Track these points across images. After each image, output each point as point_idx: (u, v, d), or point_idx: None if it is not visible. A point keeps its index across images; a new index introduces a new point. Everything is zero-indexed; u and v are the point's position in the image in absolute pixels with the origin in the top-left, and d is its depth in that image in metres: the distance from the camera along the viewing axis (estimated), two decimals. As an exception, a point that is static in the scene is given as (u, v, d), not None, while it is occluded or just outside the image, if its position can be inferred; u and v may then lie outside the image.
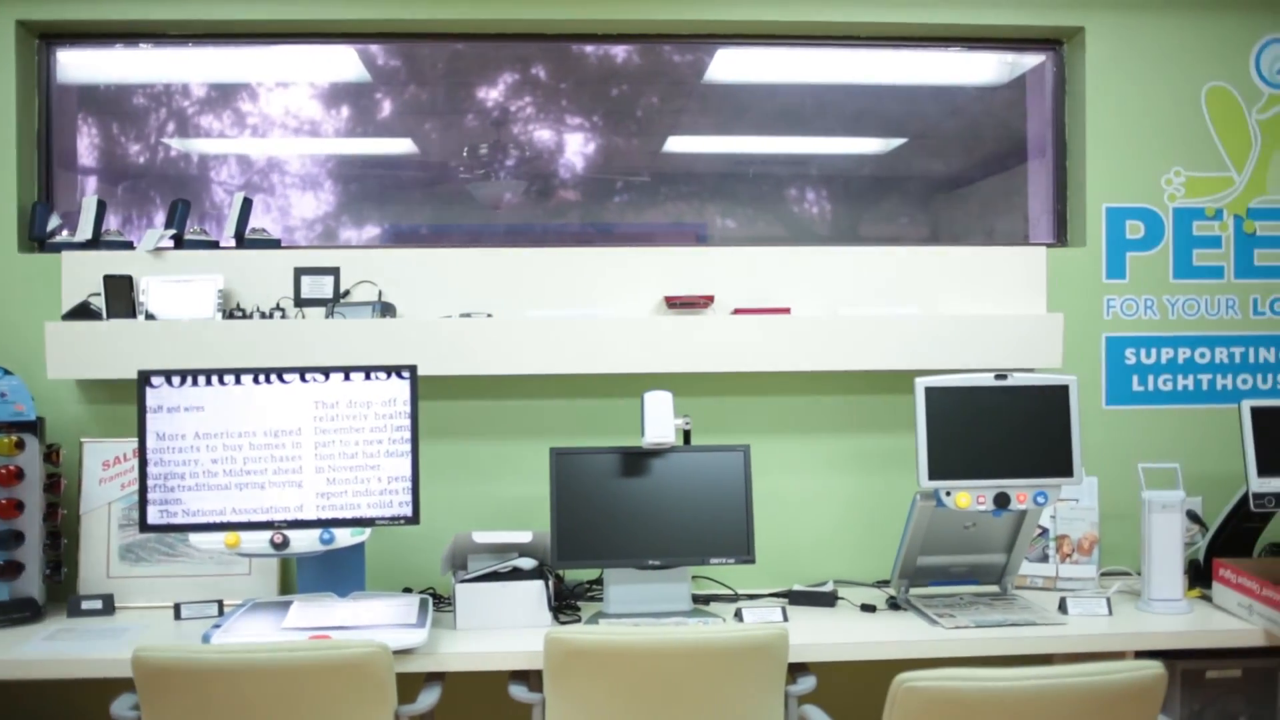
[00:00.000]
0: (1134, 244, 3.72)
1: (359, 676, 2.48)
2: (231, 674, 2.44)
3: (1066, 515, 3.44)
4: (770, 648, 2.61)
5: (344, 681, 2.47)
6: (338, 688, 2.47)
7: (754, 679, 2.61)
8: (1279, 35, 3.78)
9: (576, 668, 2.55)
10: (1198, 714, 3.30)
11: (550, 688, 2.59)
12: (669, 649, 2.55)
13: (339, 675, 2.47)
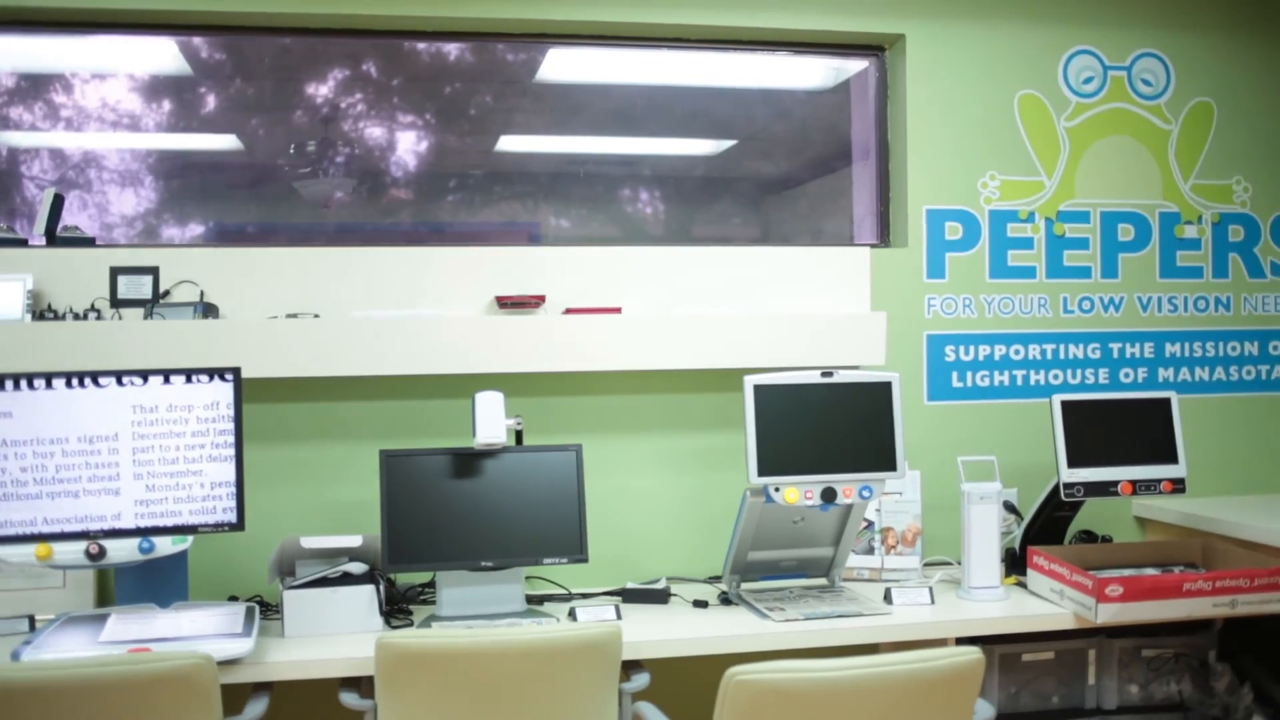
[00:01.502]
0: (953, 245, 3.85)
1: (182, 689, 2.40)
2: (45, 692, 2.33)
3: (891, 508, 3.54)
4: (604, 646, 2.62)
5: (166, 695, 2.39)
6: (160, 702, 2.39)
7: (588, 678, 2.62)
8: (1085, 47, 3.96)
9: (408, 672, 2.52)
10: (1014, 696, 3.43)
11: (382, 694, 2.56)
12: (502, 650, 2.53)
13: (160, 689, 2.38)
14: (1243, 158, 4.10)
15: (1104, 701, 3.50)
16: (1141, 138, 4.01)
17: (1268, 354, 4.13)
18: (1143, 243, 4.00)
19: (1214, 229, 4.07)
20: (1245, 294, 4.11)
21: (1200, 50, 4.06)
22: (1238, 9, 4.10)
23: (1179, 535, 3.78)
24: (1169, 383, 4.02)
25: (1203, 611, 3.19)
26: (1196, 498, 3.98)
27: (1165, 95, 4.03)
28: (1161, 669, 3.53)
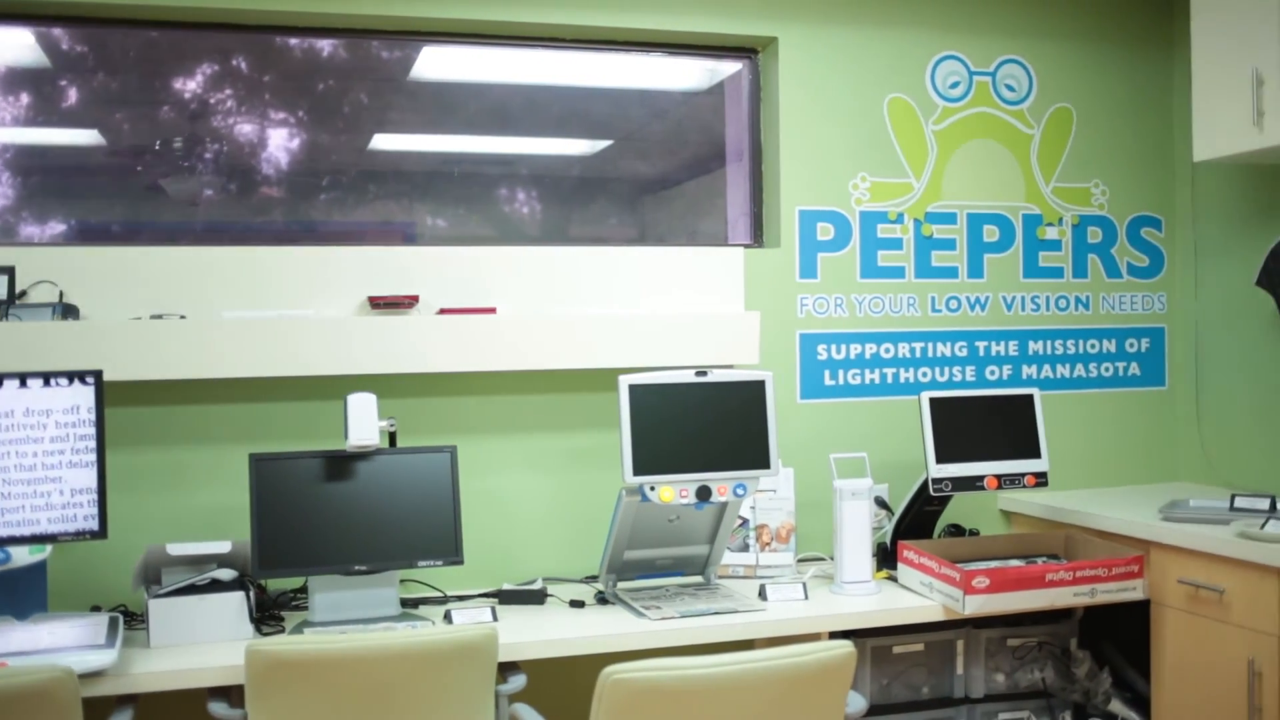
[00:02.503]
0: (824, 245, 3.91)
1: (41, 705, 2.32)
2: (-109, 709, 2.25)
3: (765, 505, 3.58)
4: (480, 648, 2.61)
5: (24, 711, 2.31)
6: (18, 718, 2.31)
7: (464, 680, 2.60)
8: (952, 53, 4.06)
9: (280, 680, 2.48)
10: (886, 687, 3.50)
11: (253, 702, 2.51)
12: (376, 655, 2.51)
13: (19, 705, 2.30)
14: (1100, 162, 4.24)
15: (972, 690, 3.59)
16: (1005, 141, 4.12)
17: (1125, 351, 4.28)
18: (1007, 244, 4.11)
19: (1074, 230, 4.20)
20: (1103, 293, 4.25)
21: (1060, 58, 4.19)
22: (1095, 19, 4.24)
23: (1042, 527, 3.90)
24: (1032, 380, 4.14)
25: (1064, 601, 3.29)
26: (1059, 491, 4.11)
27: (1028, 101, 4.15)
28: (1026, 657, 3.64)
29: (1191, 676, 3.37)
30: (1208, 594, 3.29)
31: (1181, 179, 4.33)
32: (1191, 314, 4.30)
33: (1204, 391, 4.26)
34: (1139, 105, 4.31)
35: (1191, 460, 4.32)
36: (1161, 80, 4.34)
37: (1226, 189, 4.15)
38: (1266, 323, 3.97)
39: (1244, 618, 3.19)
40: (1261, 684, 3.14)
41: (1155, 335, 4.33)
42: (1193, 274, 4.29)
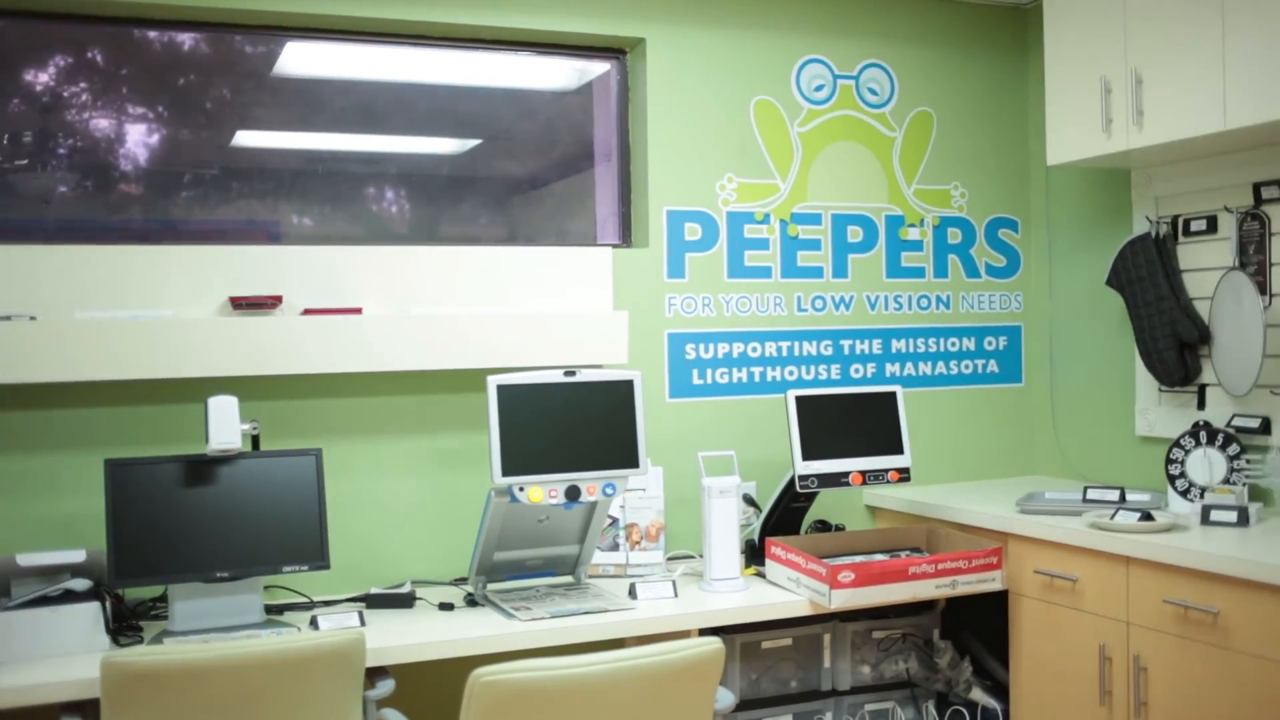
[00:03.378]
0: (692, 245, 3.94)
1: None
2: None
3: (635, 504, 3.60)
4: (346, 653, 2.57)
5: None
6: None
7: (330, 687, 2.56)
8: (817, 56, 4.12)
9: (138, 692, 2.41)
10: (755, 682, 3.55)
11: (109, 717, 2.43)
12: (238, 663, 2.45)
13: None
14: (960, 165, 4.36)
15: (839, 683, 3.65)
16: (869, 144, 4.20)
17: (984, 349, 4.40)
18: (870, 244, 4.20)
19: (935, 232, 4.31)
20: (963, 293, 4.36)
21: (921, 63, 4.29)
22: (955, 26, 4.35)
23: (906, 522, 3.99)
24: (895, 377, 4.23)
25: (927, 593, 3.37)
26: (921, 485, 4.21)
27: (890, 104, 4.24)
28: (891, 649, 3.72)
29: (1047, 662, 3.48)
30: (1062, 583, 3.41)
31: (1036, 182, 4.47)
32: (1046, 313, 4.44)
33: (1058, 388, 4.41)
34: (996, 110, 4.43)
35: (1047, 454, 4.46)
36: (1017, 87, 4.47)
37: (1078, 192, 4.29)
38: (1116, 321, 4.12)
39: (1095, 604, 3.31)
40: (1111, 668, 3.26)
41: (1012, 333, 4.46)
42: (1047, 274, 4.43)
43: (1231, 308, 3.60)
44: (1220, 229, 3.74)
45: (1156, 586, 3.13)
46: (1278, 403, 3.56)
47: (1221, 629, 2.96)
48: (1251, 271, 3.61)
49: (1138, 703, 3.18)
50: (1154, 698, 3.15)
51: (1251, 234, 3.63)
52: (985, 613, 3.80)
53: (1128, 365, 4.10)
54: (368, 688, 2.72)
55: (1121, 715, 3.24)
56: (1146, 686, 3.16)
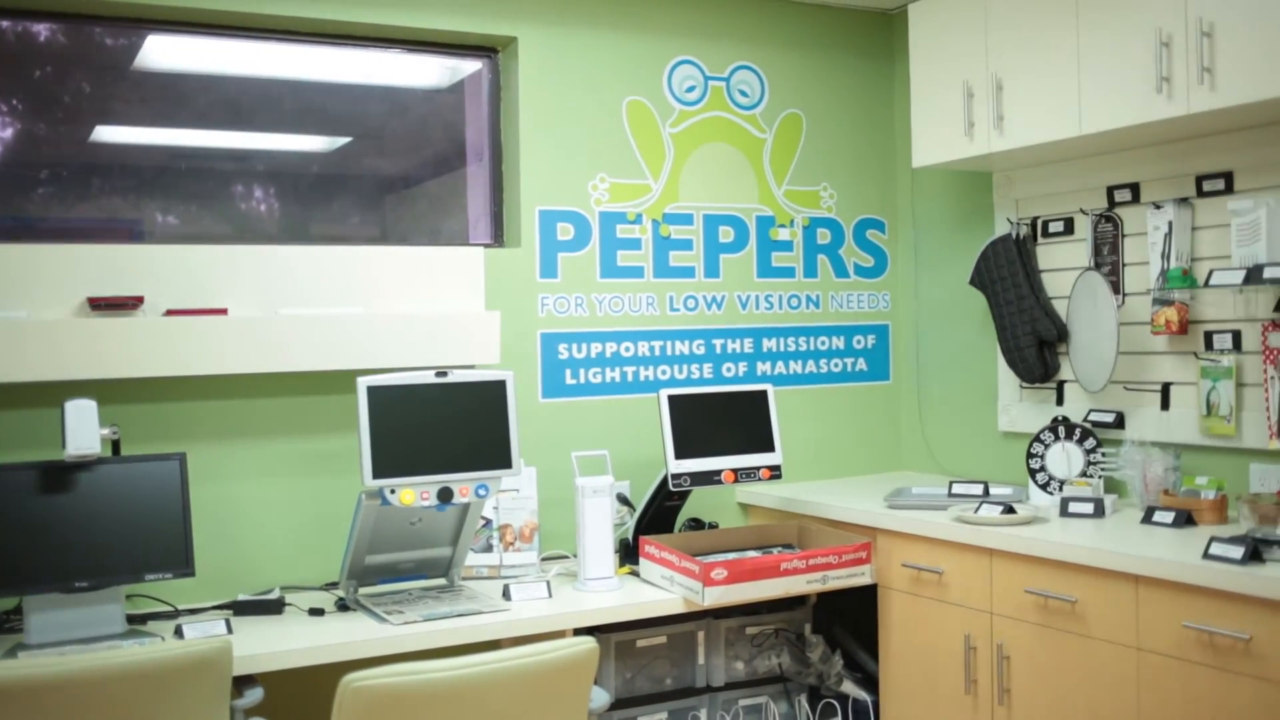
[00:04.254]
0: (565, 245, 3.94)
1: None
2: None
3: (508, 505, 3.58)
4: (212, 662, 2.51)
5: None
6: None
7: (196, 698, 2.50)
8: (688, 58, 4.16)
9: (-11, 707, 2.32)
10: (630, 681, 3.56)
11: (-43, 734, 2.35)
12: (99, 675, 2.37)
13: None
14: (829, 166, 4.43)
15: (713, 679, 3.69)
16: (739, 145, 4.25)
17: (852, 348, 4.49)
18: (741, 244, 4.24)
19: (804, 232, 4.37)
20: (832, 292, 4.44)
21: (791, 66, 4.35)
22: (824, 30, 4.42)
23: (777, 518, 4.04)
24: (766, 376, 4.29)
25: (798, 588, 3.42)
26: (793, 482, 4.27)
27: (760, 106, 4.30)
28: (764, 644, 3.77)
29: (915, 653, 3.56)
30: (928, 576, 3.49)
31: (903, 184, 4.56)
32: (913, 312, 4.54)
33: (924, 385, 4.51)
34: (864, 113, 4.52)
35: (914, 450, 4.56)
36: (884, 90, 4.56)
37: (943, 194, 4.40)
38: (979, 320, 4.23)
39: (960, 596, 3.39)
40: (976, 657, 3.35)
41: (880, 332, 4.56)
42: (913, 274, 4.53)
43: (1087, 307, 3.73)
44: (1077, 230, 3.87)
45: (1018, 577, 3.22)
46: (1131, 398, 3.70)
47: (1079, 616, 3.06)
48: (1106, 272, 3.74)
49: (1001, 690, 3.27)
50: (1016, 685, 3.24)
51: (1105, 235, 3.76)
52: (855, 606, 3.87)
53: (990, 363, 4.21)
54: (235, 697, 2.66)
55: (986, 703, 3.33)
56: (1009, 674, 3.26)
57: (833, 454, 4.45)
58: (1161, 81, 3.17)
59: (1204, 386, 3.45)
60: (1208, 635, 2.76)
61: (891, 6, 4.47)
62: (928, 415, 4.50)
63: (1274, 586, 2.61)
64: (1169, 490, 3.40)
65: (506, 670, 2.45)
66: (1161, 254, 3.52)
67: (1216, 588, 2.73)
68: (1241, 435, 3.39)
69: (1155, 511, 3.28)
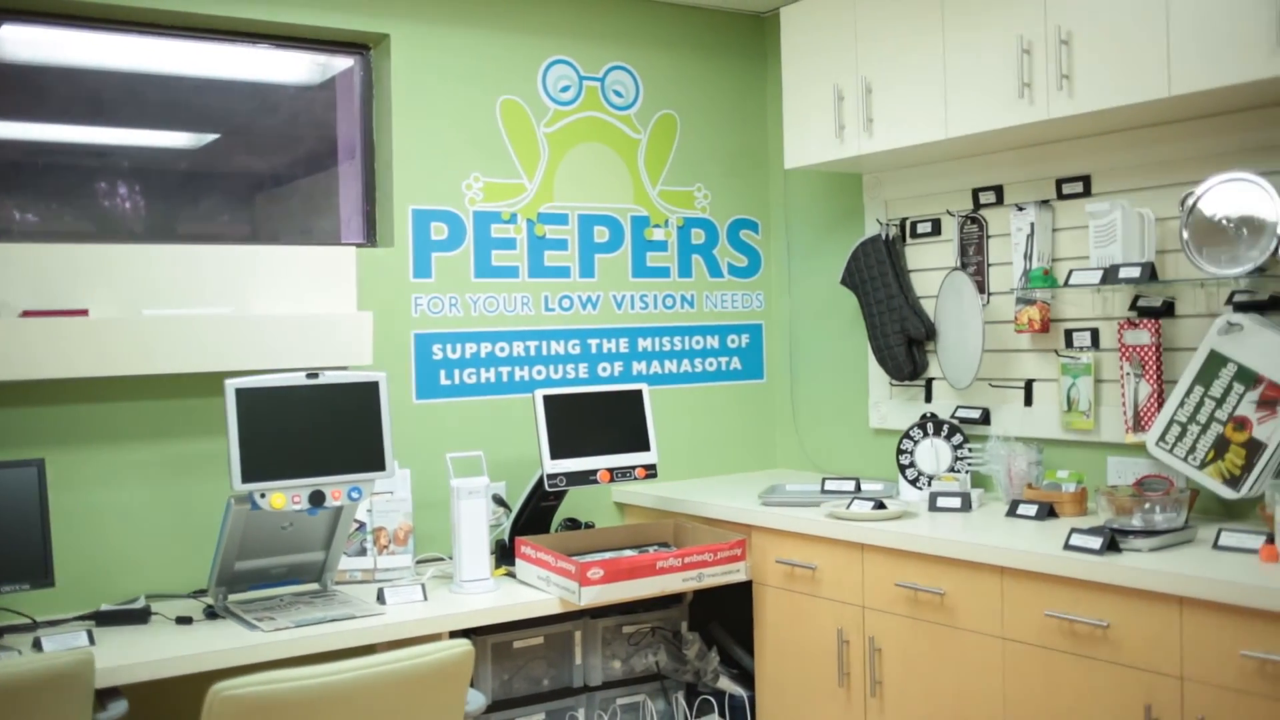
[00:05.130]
0: (439, 245, 3.91)
1: None
2: None
3: (382, 508, 3.54)
4: (73, 675, 2.43)
5: None
6: None
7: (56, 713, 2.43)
8: (562, 57, 4.15)
9: None
10: (507, 683, 3.55)
11: None
12: (-51, 692, 2.29)
13: None
14: (703, 167, 4.47)
15: (590, 679, 3.69)
16: (614, 145, 4.26)
17: (727, 347, 4.53)
18: (616, 244, 4.25)
19: (679, 232, 4.40)
20: (707, 292, 4.48)
21: (665, 66, 4.37)
22: (698, 31, 4.46)
23: (653, 517, 4.06)
24: (642, 375, 4.30)
25: (674, 586, 3.44)
26: (668, 481, 4.29)
27: (635, 106, 4.31)
28: (640, 643, 3.78)
29: (790, 648, 3.61)
30: (802, 571, 3.54)
31: (775, 185, 4.62)
32: (786, 311, 4.60)
33: (798, 383, 4.57)
34: (737, 114, 4.56)
35: (788, 448, 4.63)
36: (757, 92, 4.62)
37: (815, 195, 4.47)
38: (850, 319, 4.30)
39: (833, 591, 3.45)
40: (849, 650, 3.41)
41: (754, 331, 4.61)
42: (786, 274, 4.59)
43: (954, 306, 3.82)
44: (944, 231, 3.96)
45: (889, 571, 3.29)
46: (996, 395, 3.80)
47: (948, 609, 3.13)
48: (971, 272, 3.83)
49: (873, 682, 3.34)
50: (888, 676, 3.31)
51: (971, 236, 3.85)
52: (731, 603, 3.91)
53: (861, 361, 4.29)
54: (98, 710, 2.59)
55: (859, 695, 3.39)
56: (881, 666, 3.32)
57: (708, 452, 4.48)
58: (1023, 87, 3.26)
59: (1064, 383, 3.56)
60: (1068, 623, 2.85)
61: (764, 9, 4.53)
62: (801, 413, 4.56)
63: (1130, 575, 2.70)
64: (1032, 484, 3.51)
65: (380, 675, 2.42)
66: (1024, 254, 3.63)
67: (1076, 577, 2.82)
68: (1100, 430, 3.51)
69: (1019, 505, 3.37)
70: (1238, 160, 3.15)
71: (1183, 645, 2.63)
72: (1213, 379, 3.14)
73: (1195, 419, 3.17)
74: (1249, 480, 3.06)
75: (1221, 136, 3.20)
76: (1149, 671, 2.69)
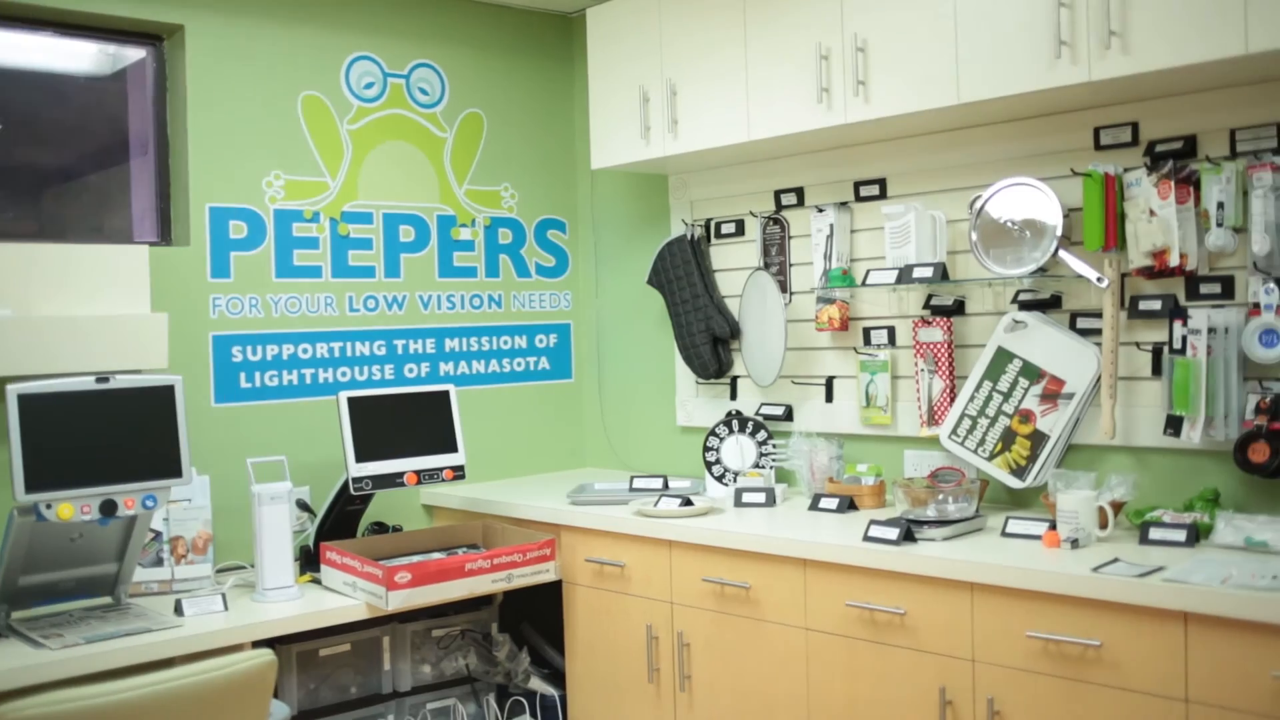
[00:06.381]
0: (237, 244, 3.79)
1: None
2: None
3: (179, 516, 3.42)
4: None
5: None
6: None
7: None
8: (366, 54, 4.08)
9: None
10: (314, 692, 3.47)
11: None
12: None
13: None
14: (510, 166, 4.45)
15: (399, 684, 3.65)
16: (420, 144, 4.21)
17: (535, 347, 4.53)
18: (422, 244, 4.20)
19: (486, 232, 4.38)
20: (514, 292, 4.46)
21: (472, 65, 4.34)
22: (504, 30, 4.44)
23: (462, 519, 4.03)
24: (449, 376, 4.27)
25: (484, 588, 3.43)
26: (478, 482, 4.27)
27: (441, 105, 4.27)
28: (450, 646, 3.75)
29: (600, 646, 3.63)
30: (611, 569, 3.56)
31: (583, 185, 4.64)
32: (593, 311, 4.63)
33: (606, 383, 4.60)
34: (545, 114, 4.56)
35: (597, 447, 4.65)
36: (564, 92, 4.63)
37: (622, 195, 4.50)
38: (657, 318, 4.35)
39: (642, 588, 3.48)
40: (658, 646, 3.45)
41: (562, 331, 4.62)
42: (594, 274, 4.61)
43: (757, 305, 3.90)
44: (747, 232, 4.05)
45: (696, 567, 3.34)
46: (799, 391, 3.90)
47: (753, 602, 3.20)
48: (774, 271, 3.92)
49: (682, 676, 3.38)
50: (696, 670, 3.36)
51: (774, 237, 3.95)
52: (542, 603, 3.91)
53: (668, 360, 4.34)
54: None
55: (669, 689, 3.43)
56: (690, 660, 3.37)
57: (517, 453, 4.47)
58: (822, 92, 3.36)
59: (863, 380, 3.67)
60: (868, 612, 2.94)
61: (571, 10, 4.54)
62: (609, 412, 4.59)
63: (925, 564, 2.81)
64: (833, 478, 3.61)
65: (177, 689, 2.35)
66: (824, 255, 3.73)
67: (875, 567, 2.92)
68: (897, 424, 3.64)
69: (821, 499, 3.47)
70: (1023, 166, 3.31)
71: (974, 629, 2.75)
72: (1000, 374, 3.29)
73: (984, 413, 3.32)
74: (1034, 470, 3.22)
75: (1008, 143, 3.35)
76: (943, 655, 2.80)
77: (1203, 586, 2.38)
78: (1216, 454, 3.01)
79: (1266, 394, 2.84)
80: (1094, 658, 2.55)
